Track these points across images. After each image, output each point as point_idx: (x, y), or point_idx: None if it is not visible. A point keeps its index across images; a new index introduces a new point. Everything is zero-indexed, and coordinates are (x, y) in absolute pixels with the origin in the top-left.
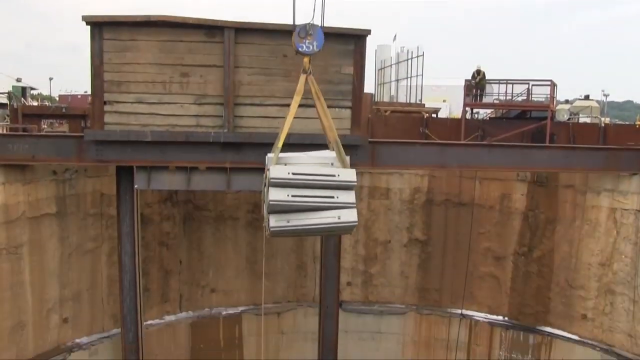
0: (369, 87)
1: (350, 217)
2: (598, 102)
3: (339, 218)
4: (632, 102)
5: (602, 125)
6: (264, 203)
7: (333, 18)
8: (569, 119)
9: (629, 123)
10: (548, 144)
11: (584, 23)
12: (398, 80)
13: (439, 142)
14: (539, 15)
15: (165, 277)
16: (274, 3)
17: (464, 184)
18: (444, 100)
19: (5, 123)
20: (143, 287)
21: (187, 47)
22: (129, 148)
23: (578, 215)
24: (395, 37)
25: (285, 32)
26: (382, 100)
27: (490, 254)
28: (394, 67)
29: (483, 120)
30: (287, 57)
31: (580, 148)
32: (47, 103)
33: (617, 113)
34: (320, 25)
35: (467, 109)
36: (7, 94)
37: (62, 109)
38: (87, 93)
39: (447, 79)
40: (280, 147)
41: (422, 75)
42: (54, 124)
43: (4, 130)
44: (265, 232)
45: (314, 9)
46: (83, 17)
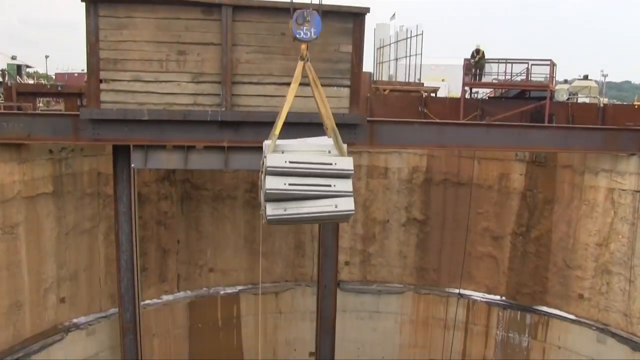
0: (368, 66)
1: (347, 205)
2: (597, 82)
3: (336, 206)
4: (630, 82)
5: (601, 106)
6: (261, 190)
7: None
8: (568, 99)
9: (628, 103)
10: (547, 124)
11: (582, 2)
12: (397, 60)
13: (438, 121)
14: None
15: (163, 256)
16: None
17: (463, 164)
18: (443, 80)
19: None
20: (141, 266)
21: (184, 24)
22: (126, 127)
23: (576, 196)
24: (394, 15)
25: (284, 10)
26: (380, 80)
27: (489, 234)
28: (393, 46)
29: (482, 100)
30: (285, 35)
31: (579, 128)
32: (43, 81)
33: (615, 93)
34: (319, 11)
35: (466, 89)
36: (0, 72)
37: (57, 87)
38: (84, 71)
39: (446, 58)
40: (278, 134)
41: (421, 55)
42: (51, 103)
43: None
44: (262, 220)
45: None
46: None
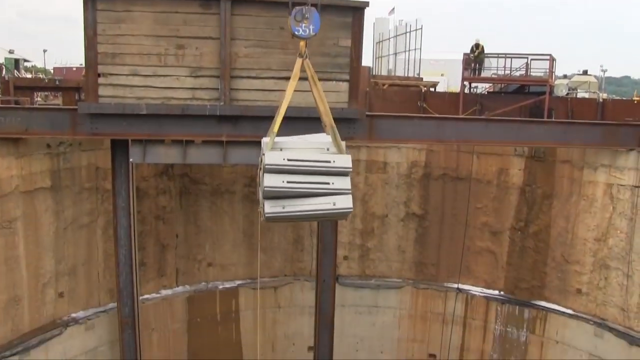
0: (367, 60)
1: (346, 203)
2: (596, 77)
3: (334, 204)
4: (629, 77)
5: (600, 101)
6: (259, 187)
7: None
8: (568, 94)
9: (627, 98)
10: (546, 119)
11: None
12: (396, 54)
13: (437, 116)
14: None
15: (162, 251)
16: None
17: (462, 159)
18: (442, 74)
19: None
20: (139, 261)
21: (182, 18)
22: (124, 121)
23: (575, 191)
24: (393, 10)
25: (282, 4)
26: (379, 74)
27: (487, 229)
28: (392, 40)
29: (481, 95)
30: (283, 29)
31: (578, 123)
32: (41, 76)
33: (614, 89)
34: (317, 5)
35: (465, 83)
36: None
37: (55, 82)
38: (82, 66)
39: (445, 53)
40: (276, 132)
41: (420, 49)
42: (49, 97)
43: None
44: (261, 217)
45: None
46: None
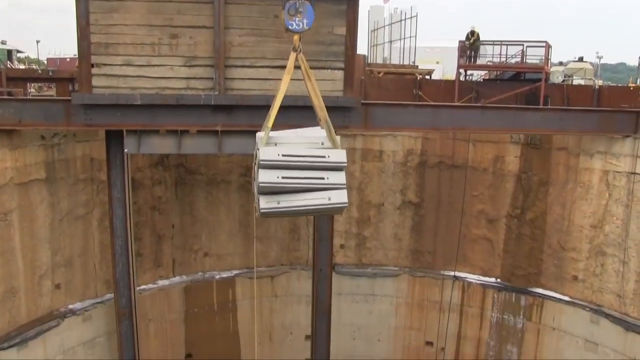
0: (362, 48)
1: (341, 198)
2: (592, 64)
3: (329, 199)
4: (625, 64)
5: (596, 87)
6: (254, 181)
7: None
8: (563, 81)
9: (623, 85)
10: (542, 106)
11: None
12: (391, 42)
13: (433, 103)
14: None
15: (158, 241)
16: None
17: (458, 146)
18: (438, 62)
19: None
20: (136, 252)
21: (176, 7)
22: (118, 112)
23: (571, 178)
24: None
25: None
26: (375, 62)
27: (483, 217)
28: (387, 28)
29: (477, 82)
30: (278, 17)
31: (574, 110)
32: (34, 66)
33: (610, 75)
34: (310, 2)
35: (460, 71)
36: None
37: (49, 72)
38: (76, 56)
39: (440, 41)
40: (270, 126)
41: (415, 37)
42: (43, 88)
43: None
44: (256, 212)
45: None
46: None
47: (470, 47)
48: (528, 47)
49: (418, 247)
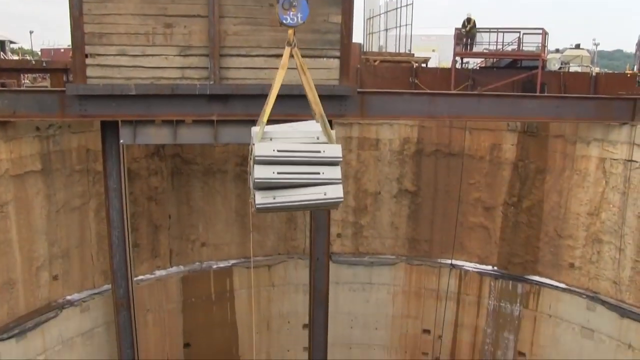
0: (358, 37)
1: (336, 193)
2: (589, 51)
3: (325, 194)
4: (621, 51)
5: (593, 75)
6: (250, 177)
7: None
8: (560, 68)
9: (619, 72)
10: (539, 94)
11: None
12: (387, 30)
13: (429, 92)
14: None
15: (155, 232)
16: None
17: (454, 134)
18: (434, 50)
19: None
20: (133, 242)
21: None
22: (113, 102)
23: (568, 165)
24: None
25: None
26: (371, 50)
27: (480, 205)
28: (383, 16)
29: (473, 70)
30: (273, 6)
31: (571, 97)
32: (28, 57)
33: (607, 62)
34: None
35: (457, 59)
36: None
37: (42, 63)
38: (70, 47)
39: (436, 29)
40: (266, 121)
41: (411, 25)
42: (37, 79)
43: None
44: (252, 208)
45: None
46: None
47: (467, 34)
48: (524, 34)
49: (415, 235)
